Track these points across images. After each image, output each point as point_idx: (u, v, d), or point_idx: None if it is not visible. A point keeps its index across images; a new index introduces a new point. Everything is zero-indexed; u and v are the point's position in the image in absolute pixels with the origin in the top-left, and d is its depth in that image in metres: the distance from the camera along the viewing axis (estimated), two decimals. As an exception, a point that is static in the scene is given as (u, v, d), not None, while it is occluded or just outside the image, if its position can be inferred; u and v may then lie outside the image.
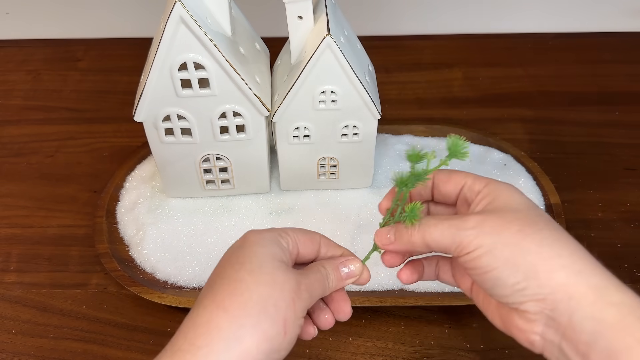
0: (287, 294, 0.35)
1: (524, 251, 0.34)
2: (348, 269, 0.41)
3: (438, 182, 0.41)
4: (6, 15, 0.83)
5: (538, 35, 0.84)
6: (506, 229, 0.35)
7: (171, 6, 0.45)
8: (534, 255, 0.34)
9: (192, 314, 0.35)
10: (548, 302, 0.33)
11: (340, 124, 0.55)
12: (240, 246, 0.37)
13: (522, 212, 0.36)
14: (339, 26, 0.51)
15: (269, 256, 0.36)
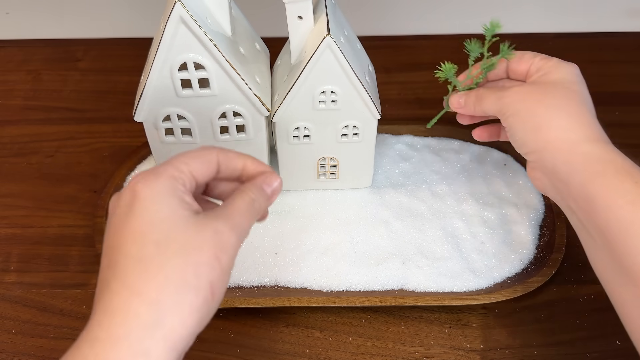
0: (206, 255, 0.32)
1: (534, 116, 0.44)
2: (272, 187, 0.38)
3: (511, 63, 0.50)
4: (6, 15, 0.83)
5: (538, 35, 0.84)
6: (530, 99, 0.45)
7: (171, 6, 0.45)
8: (539, 119, 0.44)
9: (102, 297, 0.31)
10: (539, 154, 0.44)
11: (340, 124, 0.55)
12: (132, 209, 0.32)
13: (555, 86, 0.46)
14: (339, 26, 0.51)
15: (172, 216, 0.32)
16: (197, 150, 0.36)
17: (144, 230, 0.32)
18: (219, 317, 0.55)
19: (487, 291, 0.54)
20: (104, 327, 0.30)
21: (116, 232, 0.33)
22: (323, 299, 0.54)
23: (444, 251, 0.56)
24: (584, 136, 0.43)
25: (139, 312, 0.30)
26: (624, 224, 0.38)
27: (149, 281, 0.30)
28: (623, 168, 0.40)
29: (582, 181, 0.41)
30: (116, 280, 0.31)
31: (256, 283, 0.55)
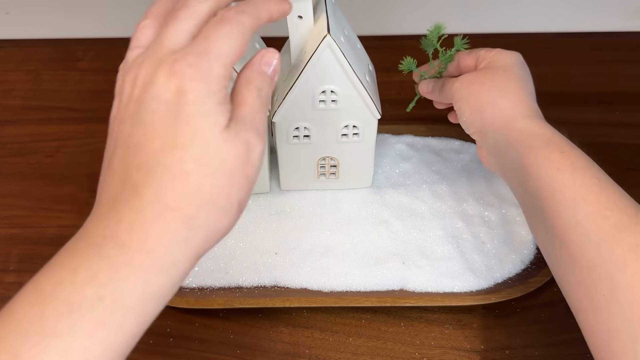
0: (238, 175, 0.31)
1: (477, 98, 0.50)
2: (271, 66, 0.34)
3: (462, 58, 0.56)
4: (6, 15, 0.83)
5: (538, 35, 0.83)
6: (474, 83, 0.51)
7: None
8: (481, 101, 0.49)
9: (131, 203, 0.30)
10: (482, 133, 0.50)
11: (340, 124, 0.55)
12: (177, 112, 0.30)
13: (496, 70, 0.51)
14: (339, 26, 0.51)
15: (212, 129, 0.30)
16: (234, 37, 0.32)
17: (185, 142, 0.30)
18: (218, 317, 0.54)
19: (487, 291, 0.54)
20: (136, 236, 0.29)
21: (153, 132, 0.30)
22: (323, 299, 0.54)
23: (445, 251, 0.56)
24: (519, 114, 0.48)
25: (172, 227, 0.30)
26: (552, 188, 0.42)
27: (184, 199, 0.30)
28: (552, 140, 0.45)
29: (518, 154, 0.45)
30: (150, 190, 0.30)
31: (256, 283, 0.55)
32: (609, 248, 0.38)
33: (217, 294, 0.54)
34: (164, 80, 0.30)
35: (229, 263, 0.56)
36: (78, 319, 0.28)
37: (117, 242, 0.30)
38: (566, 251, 0.40)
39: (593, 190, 0.40)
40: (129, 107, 0.32)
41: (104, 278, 0.29)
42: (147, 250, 0.29)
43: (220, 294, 0.54)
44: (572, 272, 0.40)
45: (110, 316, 0.29)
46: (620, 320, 0.36)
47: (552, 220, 0.41)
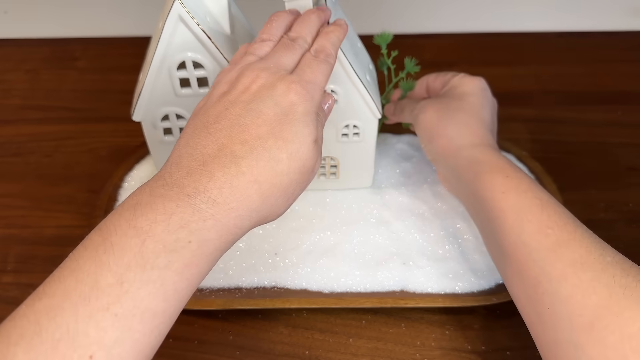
0: (308, 177, 0.39)
1: (430, 128, 0.53)
2: (327, 104, 0.44)
3: (429, 82, 0.59)
4: (4, 15, 0.83)
5: (540, 34, 0.83)
6: (429, 112, 0.54)
7: (170, 5, 0.45)
8: (433, 130, 0.53)
9: (226, 168, 0.35)
10: (436, 161, 0.54)
11: (340, 123, 0.54)
12: (287, 115, 0.38)
13: (453, 98, 0.54)
14: (339, 25, 0.51)
15: (308, 139, 0.38)
16: (327, 74, 0.42)
17: (287, 137, 0.37)
18: (218, 318, 0.54)
19: (488, 292, 0.54)
20: (224, 195, 0.35)
21: (263, 121, 0.37)
22: (323, 300, 0.53)
23: (446, 252, 0.56)
24: (468, 142, 0.51)
25: (252, 197, 0.36)
26: (499, 210, 0.45)
27: (269, 178, 0.36)
28: (497, 166, 0.48)
29: (467, 180, 0.49)
30: (247, 162, 0.36)
31: (256, 284, 0.55)
32: (551, 264, 0.40)
33: (216, 295, 0.54)
34: (283, 91, 0.38)
35: (228, 264, 0.56)
36: (172, 257, 0.33)
37: (207, 197, 0.34)
38: (515, 269, 0.43)
39: (535, 210, 0.43)
40: (244, 95, 0.38)
41: (194, 226, 0.34)
42: (229, 209, 0.35)
43: (220, 294, 0.54)
44: (521, 288, 0.43)
45: (195, 259, 0.34)
46: (563, 331, 0.38)
47: (501, 240, 0.44)
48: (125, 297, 0.31)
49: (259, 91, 0.38)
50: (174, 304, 0.33)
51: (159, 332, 0.33)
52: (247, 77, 0.39)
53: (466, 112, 0.53)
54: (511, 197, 0.45)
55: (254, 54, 0.42)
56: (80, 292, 0.31)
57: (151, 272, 0.32)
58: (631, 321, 0.36)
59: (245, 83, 0.39)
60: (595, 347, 0.36)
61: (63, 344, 0.29)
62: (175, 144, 0.38)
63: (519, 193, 0.45)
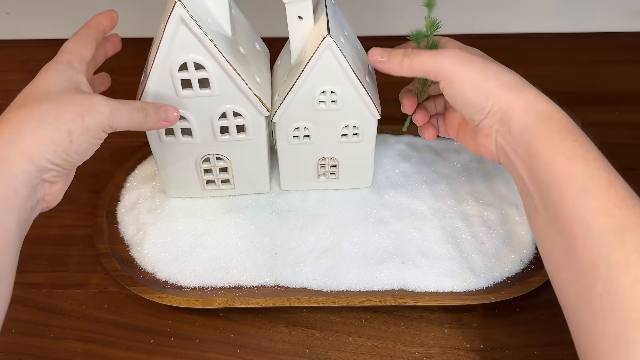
0: (72, 109, 0.41)
1: (487, 77, 0.45)
2: (166, 114, 0.47)
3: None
4: (7, 16, 0.83)
5: (538, 35, 0.84)
6: (475, 62, 0.45)
7: (171, 6, 0.45)
8: (493, 80, 0.45)
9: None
10: (498, 116, 0.45)
11: (340, 124, 0.55)
12: (33, 81, 0.43)
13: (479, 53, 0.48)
14: (339, 26, 0.51)
15: (57, 85, 0.42)
16: (80, 36, 0.48)
17: (32, 90, 0.42)
18: (219, 316, 0.55)
19: (487, 291, 0.54)
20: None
21: (19, 95, 0.43)
22: (323, 299, 0.54)
23: (444, 251, 0.56)
24: (535, 96, 0.45)
25: (5, 133, 0.39)
26: (560, 177, 0.40)
27: (18, 116, 0.40)
28: (567, 127, 0.43)
29: (530, 140, 0.43)
30: (1, 118, 0.40)
31: (256, 283, 0.55)
32: (613, 248, 0.36)
33: (217, 294, 0.54)
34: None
35: (229, 263, 0.56)
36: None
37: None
38: (567, 245, 0.39)
39: (602, 184, 0.39)
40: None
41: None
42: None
43: (221, 293, 0.54)
44: (569, 269, 0.39)
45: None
46: (614, 323, 0.35)
47: (556, 211, 0.40)
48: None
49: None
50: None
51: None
52: None
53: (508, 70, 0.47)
54: (577, 165, 0.40)
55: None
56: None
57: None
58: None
59: None
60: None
61: None
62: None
63: (587, 162, 0.40)
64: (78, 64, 0.45)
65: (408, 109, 0.54)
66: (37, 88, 0.42)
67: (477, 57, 0.46)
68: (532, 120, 0.43)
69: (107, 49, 0.52)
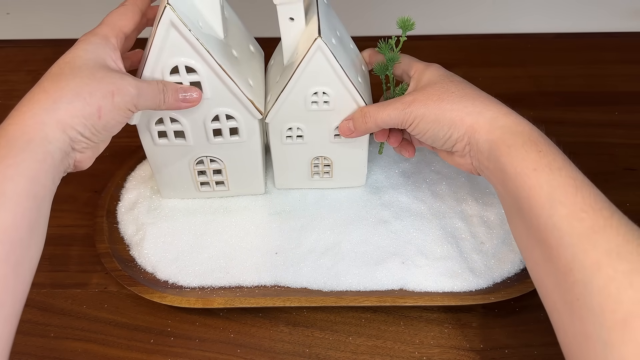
0: (104, 86, 0.43)
1: (444, 112, 0.48)
2: (185, 95, 0.49)
3: (395, 69, 0.56)
4: (7, 16, 0.83)
5: (538, 35, 0.84)
6: (430, 101, 0.48)
7: (161, 10, 0.45)
8: (450, 112, 0.48)
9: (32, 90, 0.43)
10: (466, 140, 0.47)
11: (332, 124, 0.55)
12: (70, 51, 0.45)
13: (440, 84, 0.50)
14: (331, 27, 0.51)
15: (93, 59, 0.44)
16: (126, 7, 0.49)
17: (69, 60, 0.44)
18: (219, 316, 0.55)
19: (486, 291, 0.54)
20: (17, 109, 0.42)
21: (56, 63, 0.44)
22: (323, 299, 0.54)
23: (444, 251, 0.57)
24: (498, 112, 0.47)
25: (41, 100, 0.42)
26: (528, 188, 0.42)
27: (55, 86, 0.42)
28: (530, 139, 0.44)
29: (497, 155, 0.45)
30: (39, 85, 0.43)
31: (256, 283, 0.55)
32: (584, 252, 0.37)
33: (217, 294, 0.54)
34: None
35: (229, 263, 0.56)
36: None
37: (6, 122, 0.42)
38: (544, 253, 0.40)
39: (569, 191, 0.40)
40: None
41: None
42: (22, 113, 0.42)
43: (221, 293, 0.54)
44: (549, 275, 0.40)
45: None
46: (593, 325, 0.36)
47: (529, 221, 0.41)
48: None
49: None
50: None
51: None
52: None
53: (472, 88, 0.49)
54: (543, 175, 0.41)
55: None
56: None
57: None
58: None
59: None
60: (628, 346, 0.34)
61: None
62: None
63: (552, 171, 0.41)
64: (115, 39, 0.47)
65: (380, 137, 0.56)
66: (74, 59, 0.44)
67: (431, 94, 0.49)
68: (497, 136, 0.45)
69: (149, 17, 0.52)
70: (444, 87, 0.49)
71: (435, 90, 0.49)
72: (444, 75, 0.51)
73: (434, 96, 0.49)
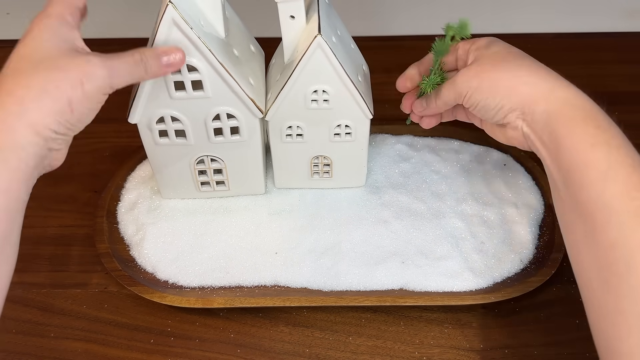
0: (72, 75, 0.40)
1: (498, 81, 0.47)
2: (169, 58, 0.45)
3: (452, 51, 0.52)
4: (7, 16, 0.83)
5: (538, 35, 0.84)
6: (484, 71, 0.48)
7: (163, 9, 0.45)
8: (504, 81, 0.47)
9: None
10: (519, 110, 0.46)
11: (332, 123, 0.55)
12: (24, 39, 0.41)
13: (498, 54, 0.48)
14: (331, 26, 0.51)
15: (51, 46, 0.40)
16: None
17: (26, 52, 0.40)
18: (219, 316, 0.55)
19: (486, 291, 0.54)
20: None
21: (10, 56, 0.41)
22: (323, 299, 0.54)
23: (444, 251, 0.57)
24: (554, 83, 0.46)
25: (7, 104, 0.38)
26: (583, 163, 0.41)
27: (17, 84, 0.39)
28: (590, 113, 0.43)
29: (555, 127, 0.44)
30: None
31: (256, 283, 0.55)
32: (631, 230, 0.37)
33: (217, 294, 0.54)
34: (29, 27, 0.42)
35: (229, 262, 0.56)
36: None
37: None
38: (588, 228, 0.40)
39: (625, 170, 0.40)
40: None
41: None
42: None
43: (221, 293, 0.54)
44: (589, 250, 0.40)
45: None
46: (629, 302, 0.36)
47: (578, 196, 0.41)
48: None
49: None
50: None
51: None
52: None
53: (527, 57, 0.49)
54: (600, 151, 0.41)
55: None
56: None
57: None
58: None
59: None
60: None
61: None
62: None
63: (610, 148, 0.41)
64: (70, 17, 0.43)
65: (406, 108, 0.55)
66: (32, 51, 0.40)
67: (485, 64, 0.48)
68: (555, 108, 0.44)
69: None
70: (499, 56, 0.48)
71: (489, 60, 0.48)
72: (502, 46, 0.50)
73: (488, 65, 0.48)
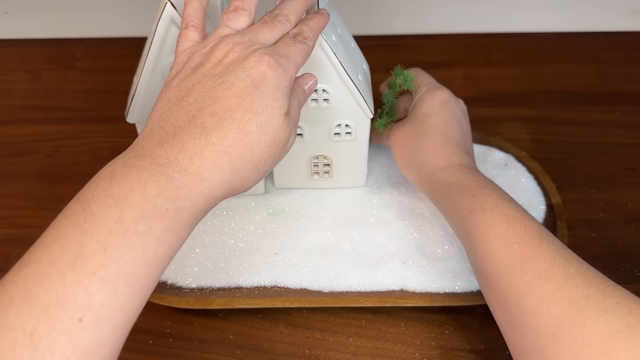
0: (280, 151, 0.40)
1: (403, 156, 0.57)
2: (308, 85, 0.45)
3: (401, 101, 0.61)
4: (5, 15, 0.83)
5: (539, 34, 0.83)
6: (400, 140, 0.57)
7: (162, 7, 0.45)
8: (406, 159, 0.56)
9: (197, 139, 0.36)
10: (415, 181, 0.56)
11: (332, 122, 0.55)
12: (257, 87, 0.38)
13: (416, 123, 0.56)
14: (331, 25, 0.51)
15: (278, 112, 0.39)
16: (305, 54, 0.43)
17: (257, 110, 0.38)
18: (218, 317, 0.54)
19: (487, 292, 0.54)
20: (195, 165, 0.36)
21: (234, 93, 0.38)
22: (323, 300, 0.53)
23: (445, 251, 0.56)
24: (436, 166, 0.53)
25: (223, 168, 0.37)
26: (468, 229, 0.47)
27: (239, 149, 0.37)
28: (463, 187, 0.50)
29: (440, 202, 0.52)
30: (217, 134, 0.37)
31: (256, 284, 0.55)
32: (517, 277, 0.42)
33: (216, 294, 0.54)
34: (255, 63, 0.38)
35: (228, 263, 0.56)
36: (152, 224, 0.34)
37: (179, 167, 0.36)
38: (487, 283, 0.45)
39: (501, 227, 0.45)
40: (217, 68, 0.39)
41: (169, 194, 0.35)
42: (201, 179, 0.36)
43: (220, 294, 0.54)
44: (493, 301, 0.45)
45: (173, 225, 0.35)
46: (531, 341, 0.40)
47: (473, 256, 0.47)
48: (109, 262, 0.32)
49: (231, 64, 0.39)
50: (155, 268, 0.34)
51: (143, 295, 0.34)
52: (220, 50, 0.39)
53: (430, 136, 0.54)
54: (478, 216, 0.47)
55: (228, 27, 0.42)
56: (66, 258, 0.32)
57: (132, 238, 0.33)
58: (592, 330, 0.37)
59: (218, 56, 0.39)
60: (560, 356, 0.38)
61: (53, 307, 0.30)
62: (148, 118, 0.39)
63: (485, 211, 0.46)
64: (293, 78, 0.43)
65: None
66: (259, 108, 0.38)
67: (406, 138, 0.56)
68: (435, 188, 0.52)
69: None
70: (420, 127, 0.55)
71: (409, 128, 0.56)
72: (433, 110, 0.56)
73: (404, 134, 0.57)
